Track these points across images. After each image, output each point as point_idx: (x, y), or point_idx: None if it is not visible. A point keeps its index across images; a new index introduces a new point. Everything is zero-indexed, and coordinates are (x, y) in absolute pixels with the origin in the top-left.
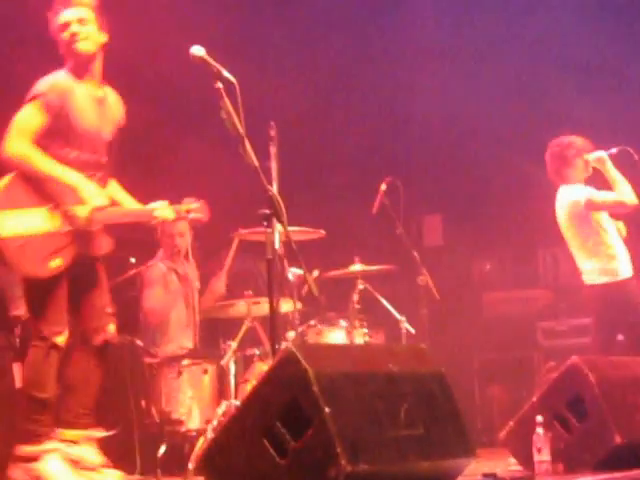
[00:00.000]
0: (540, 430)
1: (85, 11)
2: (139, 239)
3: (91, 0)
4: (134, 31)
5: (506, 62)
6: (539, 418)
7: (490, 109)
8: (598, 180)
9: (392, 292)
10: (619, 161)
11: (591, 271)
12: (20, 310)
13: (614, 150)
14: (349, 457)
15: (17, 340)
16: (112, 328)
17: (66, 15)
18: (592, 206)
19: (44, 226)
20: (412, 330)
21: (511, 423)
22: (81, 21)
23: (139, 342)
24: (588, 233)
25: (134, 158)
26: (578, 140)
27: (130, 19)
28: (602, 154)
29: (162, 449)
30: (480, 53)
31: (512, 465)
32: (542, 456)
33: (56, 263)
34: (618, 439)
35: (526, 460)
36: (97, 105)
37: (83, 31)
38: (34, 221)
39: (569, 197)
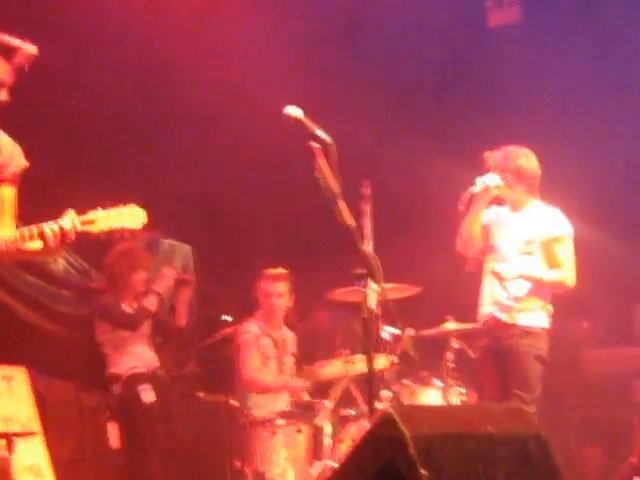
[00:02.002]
0: None
1: None
2: (237, 297)
3: None
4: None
5: None
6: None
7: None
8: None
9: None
10: None
11: None
12: (118, 368)
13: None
14: None
15: (114, 399)
16: None
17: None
18: None
19: None
20: None
21: None
22: None
23: (234, 402)
24: None
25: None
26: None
27: (225, 77)
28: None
29: None
30: None
31: None
32: None
33: None
34: None
35: None
36: None
37: None
38: None
39: None
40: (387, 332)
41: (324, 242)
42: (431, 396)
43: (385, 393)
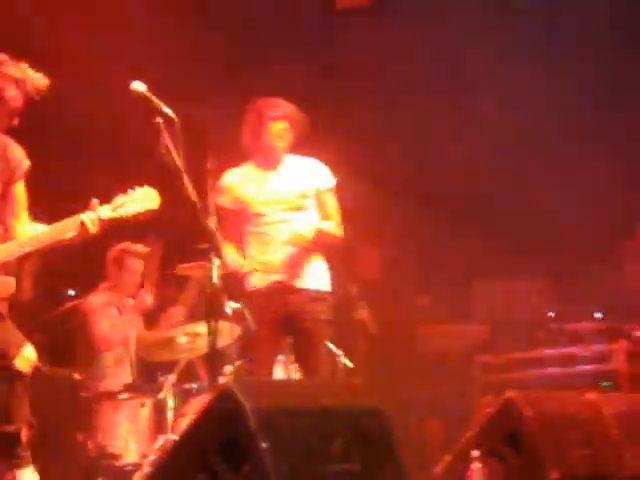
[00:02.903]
0: (476, 465)
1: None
2: (80, 271)
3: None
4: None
5: None
6: (475, 453)
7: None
8: None
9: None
10: None
11: None
12: None
13: None
14: None
15: None
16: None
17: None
18: None
19: None
20: (349, 364)
21: (447, 457)
22: None
23: (76, 375)
24: None
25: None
26: None
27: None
28: None
29: None
30: None
31: None
32: None
33: None
34: (553, 474)
35: None
36: None
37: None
38: None
39: None
40: (230, 307)
41: (169, 217)
42: (274, 370)
43: (228, 368)
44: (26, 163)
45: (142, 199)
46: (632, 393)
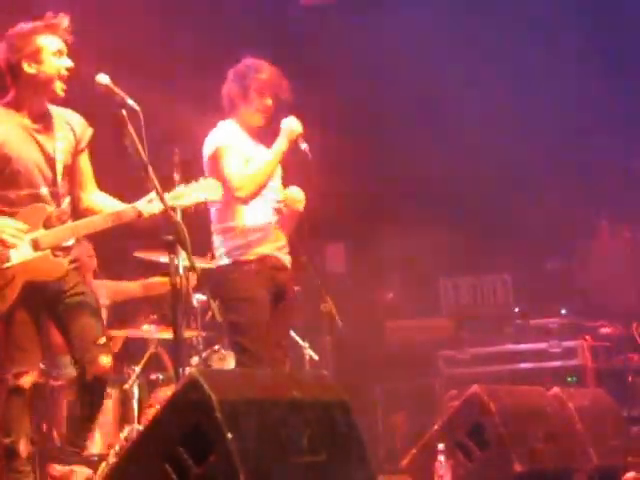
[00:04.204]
0: (442, 458)
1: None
2: None
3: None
4: None
5: None
6: (441, 446)
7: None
8: None
9: (296, 319)
10: None
11: None
12: None
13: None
14: None
15: None
16: (105, 360)
17: (57, 43)
18: None
19: None
20: (315, 357)
21: (413, 451)
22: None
23: (41, 364)
24: None
25: None
26: None
27: None
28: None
29: None
30: None
31: None
32: None
33: None
34: (518, 467)
35: None
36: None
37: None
38: None
39: None
40: (196, 299)
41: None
42: None
43: (195, 359)
44: (89, 131)
45: (203, 189)
46: (597, 388)
